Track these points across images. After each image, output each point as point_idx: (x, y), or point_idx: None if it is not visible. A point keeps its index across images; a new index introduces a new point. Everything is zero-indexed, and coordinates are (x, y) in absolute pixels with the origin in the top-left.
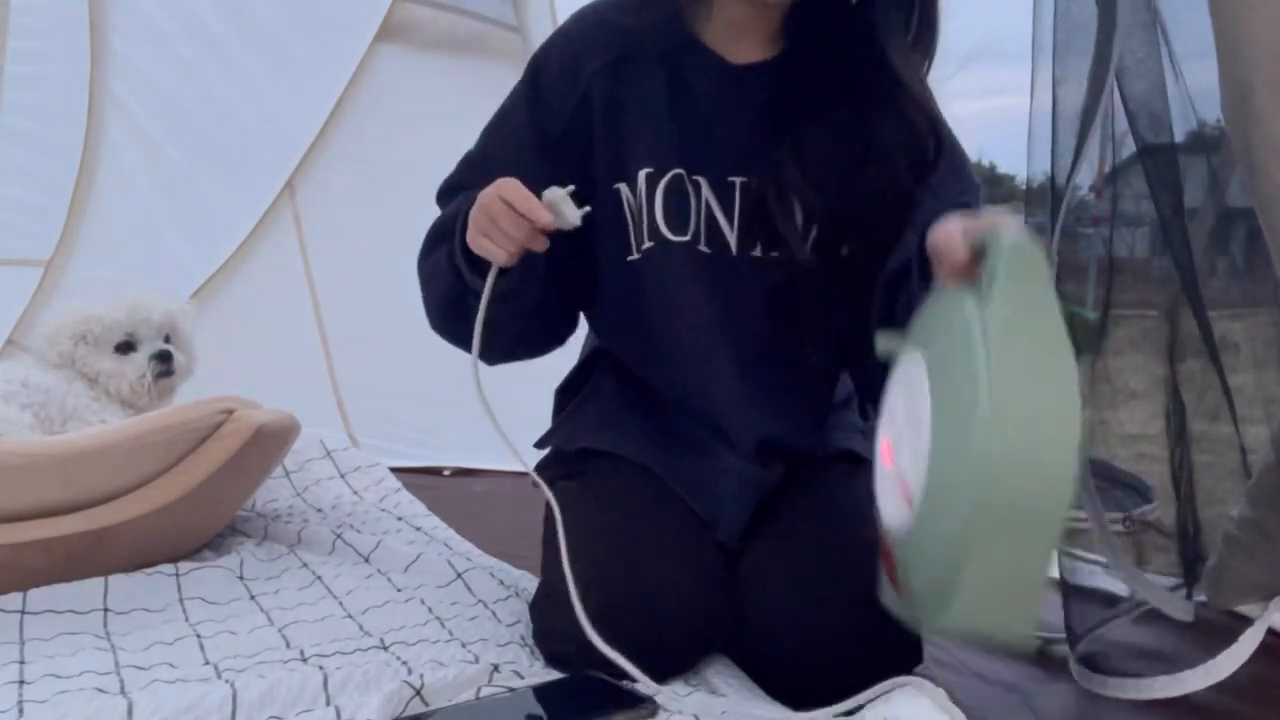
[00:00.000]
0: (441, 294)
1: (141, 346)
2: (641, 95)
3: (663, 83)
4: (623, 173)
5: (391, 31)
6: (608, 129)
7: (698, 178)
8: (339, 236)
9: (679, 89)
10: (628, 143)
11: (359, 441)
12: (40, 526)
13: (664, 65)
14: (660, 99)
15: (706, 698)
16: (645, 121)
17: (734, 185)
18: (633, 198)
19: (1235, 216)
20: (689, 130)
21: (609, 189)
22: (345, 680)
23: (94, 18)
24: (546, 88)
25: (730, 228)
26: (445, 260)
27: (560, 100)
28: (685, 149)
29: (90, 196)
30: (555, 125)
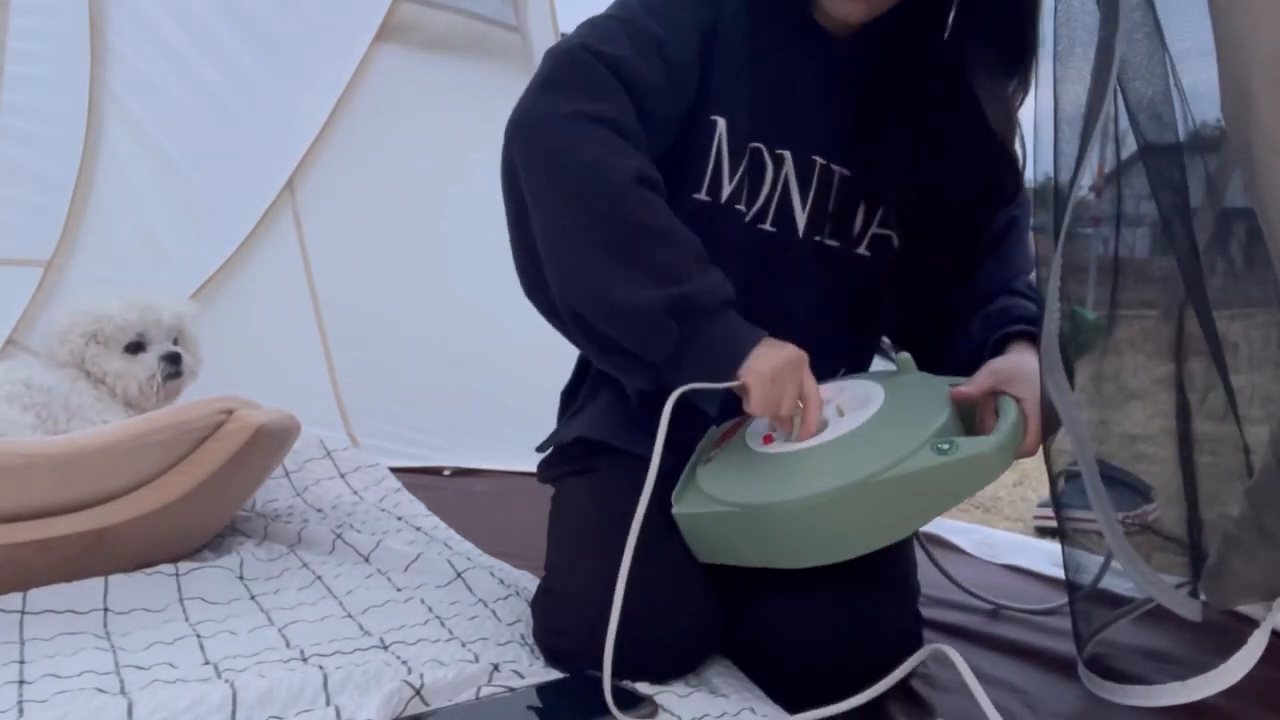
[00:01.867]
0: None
1: (151, 348)
2: (754, 47)
3: (773, 44)
4: (724, 109)
5: (391, 31)
6: (726, 58)
7: (782, 151)
8: (339, 236)
9: (786, 56)
10: (735, 87)
11: (359, 441)
12: (40, 526)
13: (779, 26)
14: (768, 60)
15: (706, 698)
16: (751, 76)
17: (815, 165)
18: (726, 141)
19: (1235, 216)
20: (785, 100)
21: (708, 117)
22: (345, 680)
23: (94, 18)
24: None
25: (803, 208)
26: (673, 339)
27: (705, 8)
28: (778, 118)
29: (90, 196)
30: (705, 27)
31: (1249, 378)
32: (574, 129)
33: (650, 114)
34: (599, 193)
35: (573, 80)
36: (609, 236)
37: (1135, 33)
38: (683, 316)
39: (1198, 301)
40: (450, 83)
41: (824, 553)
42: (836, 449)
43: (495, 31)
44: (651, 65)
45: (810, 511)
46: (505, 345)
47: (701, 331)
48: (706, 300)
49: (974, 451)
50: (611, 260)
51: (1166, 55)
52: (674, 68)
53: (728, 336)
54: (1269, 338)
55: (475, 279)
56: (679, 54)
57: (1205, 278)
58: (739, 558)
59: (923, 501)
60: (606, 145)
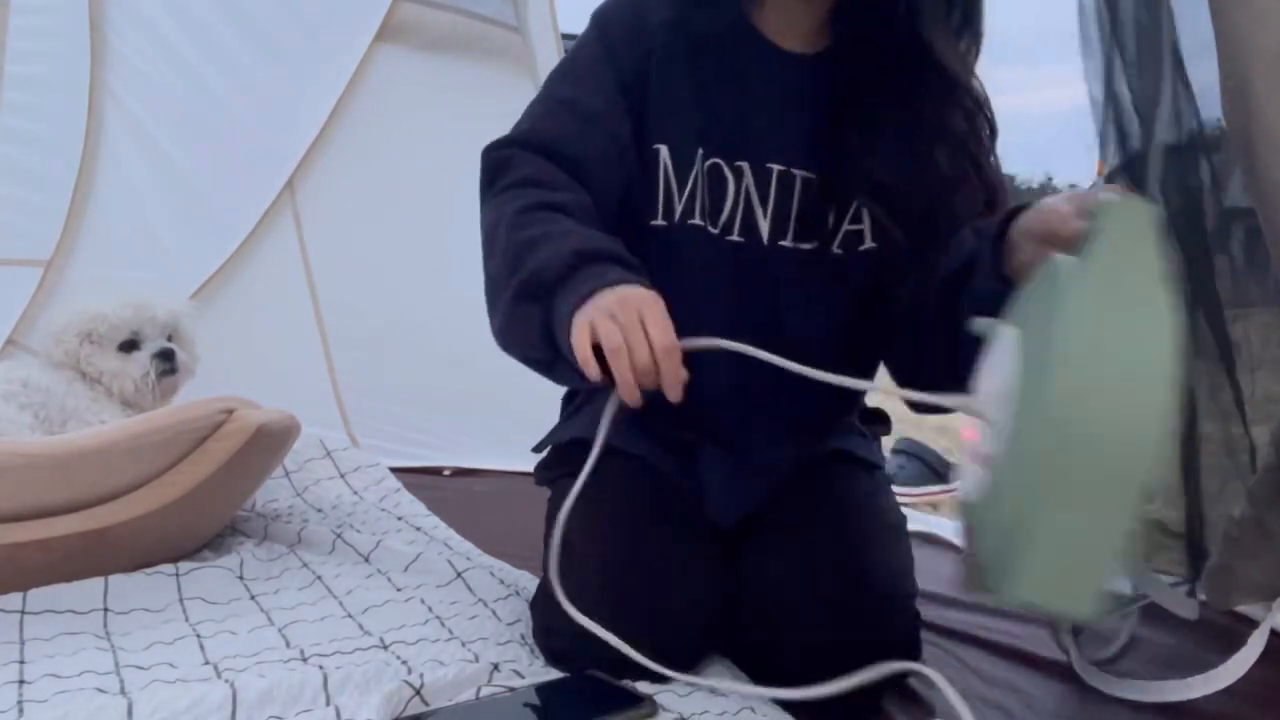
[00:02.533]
0: (525, 350)
1: (145, 345)
2: (694, 69)
3: (715, 61)
4: (665, 136)
5: (391, 31)
6: (661, 89)
7: (740, 163)
8: (339, 236)
9: (729, 71)
10: (676, 113)
11: (359, 441)
12: (40, 526)
13: (718, 43)
14: (710, 78)
15: (706, 697)
16: (695, 97)
17: (772, 172)
18: (671, 165)
19: (1235, 216)
20: (735, 114)
21: (650, 147)
22: (345, 680)
23: (94, 18)
24: (616, 38)
25: (764, 215)
26: (538, 324)
27: (628, 50)
28: (730, 133)
29: (90, 196)
30: (627, 73)
31: (1249, 377)
32: (492, 209)
33: (578, 157)
34: (488, 241)
35: (495, 174)
36: (490, 271)
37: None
38: (531, 297)
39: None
40: (450, 83)
41: None
42: None
43: (495, 31)
44: (562, 122)
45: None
46: None
47: (555, 304)
48: (546, 271)
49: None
50: (493, 291)
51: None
52: (590, 117)
53: (566, 296)
54: (1269, 337)
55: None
56: (593, 105)
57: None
58: None
59: None
60: (507, 200)
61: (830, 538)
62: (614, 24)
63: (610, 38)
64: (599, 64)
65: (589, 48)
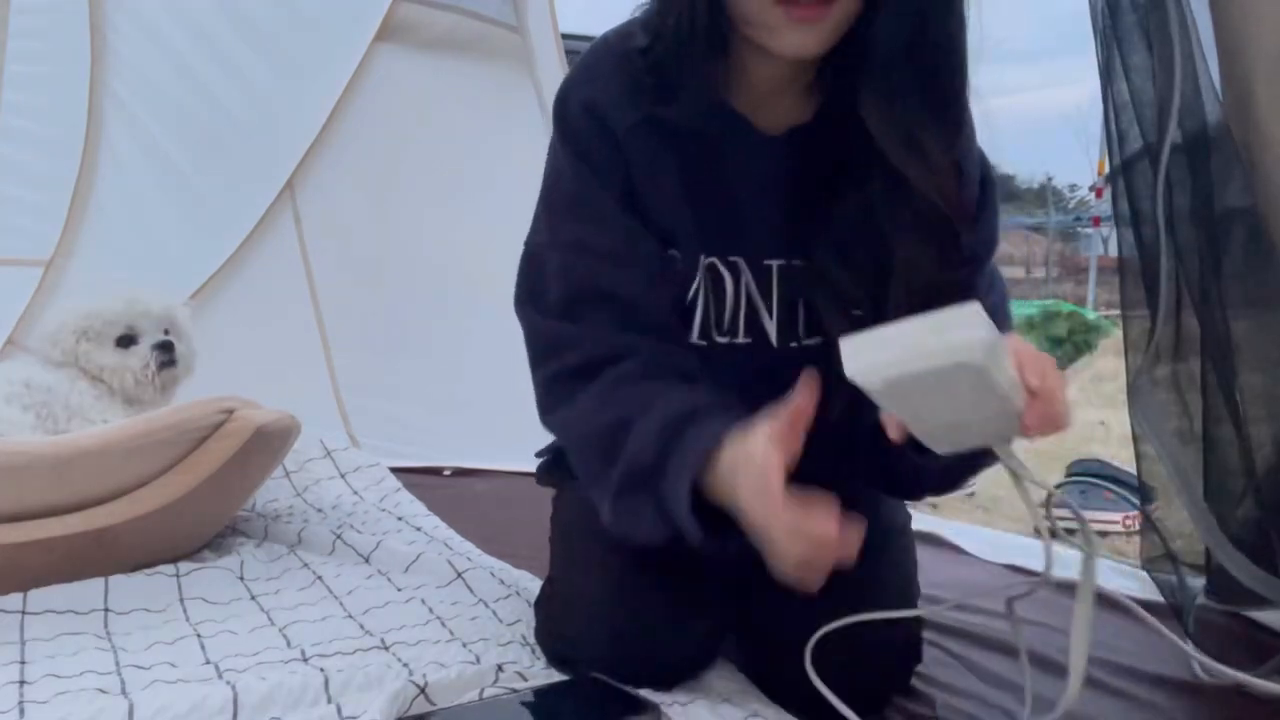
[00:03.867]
0: (646, 539)
1: (142, 339)
2: (675, 166)
3: (694, 152)
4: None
5: (391, 31)
6: (649, 196)
7: (735, 259)
8: (339, 236)
9: (710, 160)
10: (669, 215)
11: (359, 441)
12: (40, 526)
13: (692, 133)
14: (693, 172)
15: (711, 705)
16: (684, 195)
17: (770, 269)
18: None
19: (1235, 216)
20: (723, 210)
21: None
22: (346, 681)
23: (94, 18)
24: (591, 152)
25: (770, 317)
26: (652, 513)
27: (605, 163)
28: (720, 228)
29: (90, 196)
30: (618, 189)
31: (1248, 377)
32: (561, 420)
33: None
34: (574, 440)
35: (539, 351)
36: (584, 469)
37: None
38: (637, 487)
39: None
40: (450, 83)
41: None
42: None
43: (495, 31)
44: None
45: None
46: (506, 345)
47: (662, 487)
48: (642, 456)
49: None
50: (593, 485)
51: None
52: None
53: (672, 477)
54: (1271, 337)
55: (476, 278)
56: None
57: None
58: None
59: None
60: (576, 409)
61: None
62: (580, 138)
63: (584, 151)
64: (593, 185)
65: (574, 169)
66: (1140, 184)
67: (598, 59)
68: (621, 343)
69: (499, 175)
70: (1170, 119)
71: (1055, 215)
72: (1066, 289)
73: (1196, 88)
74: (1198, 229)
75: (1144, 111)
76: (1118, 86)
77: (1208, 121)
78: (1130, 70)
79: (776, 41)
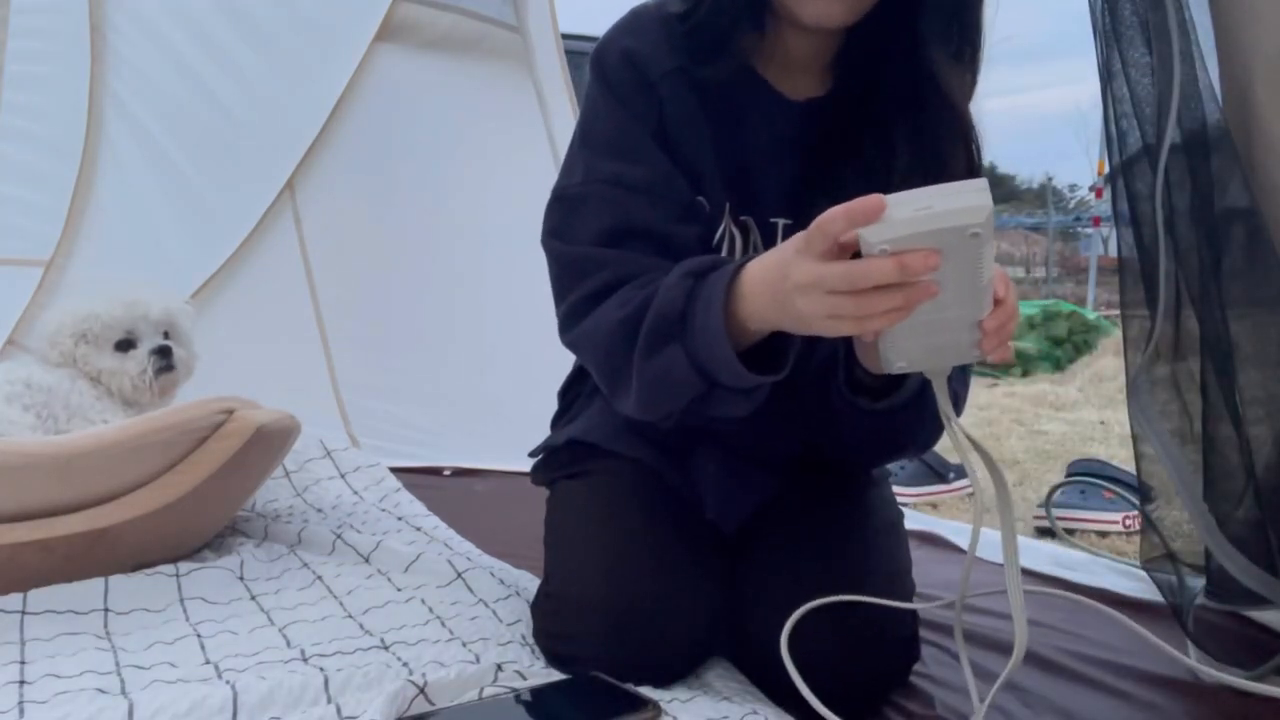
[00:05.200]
0: (676, 399)
1: (141, 343)
2: (704, 118)
3: (720, 109)
4: (695, 190)
5: (391, 31)
6: (679, 142)
7: (745, 218)
8: (339, 236)
9: (733, 119)
10: (697, 165)
11: (359, 441)
12: (40, 526)
13: (721, 91)
14: (717, 127)
15: (710, 702)
16: (711, 147)
17: (777, 227)
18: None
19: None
20: (739, 165)
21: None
22: (346, 681)
23: (94, 18)
24: (627, 95)
25: None
26: (684, 361)
27: (642, 106)
28: (736, 185)
29: (90, 196)
30: (652, 128)
31: (1248, 377)
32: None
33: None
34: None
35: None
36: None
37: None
38: (665, 340)
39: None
40: (450, 83)
41: None
42: None
43: (495, 31)
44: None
45: None
46: (506, 345)
47: (692, 328)
48: (668, 309)
49: None
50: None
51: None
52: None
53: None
54: (1270, 337)
55: (476, 278)
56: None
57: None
58: None
59: None
60: (597, 315)
61: (828, 538)
62: (619, 84)
63: (622, 95)
64: (631, 126)
65: (611, 112)
66: (1140, 184)
67: (637, 17)
68: (652, 265)
69: (499, 175)
70: (1169, 119)
71: (1055, 215)
72: (1066, 289)
73: (1196, 87)
74: (1197, 229)
75: (1143, 111)
76: (1117, 86)
77: (1207, 121)
78: (1129, 70)
79: (803, 10)
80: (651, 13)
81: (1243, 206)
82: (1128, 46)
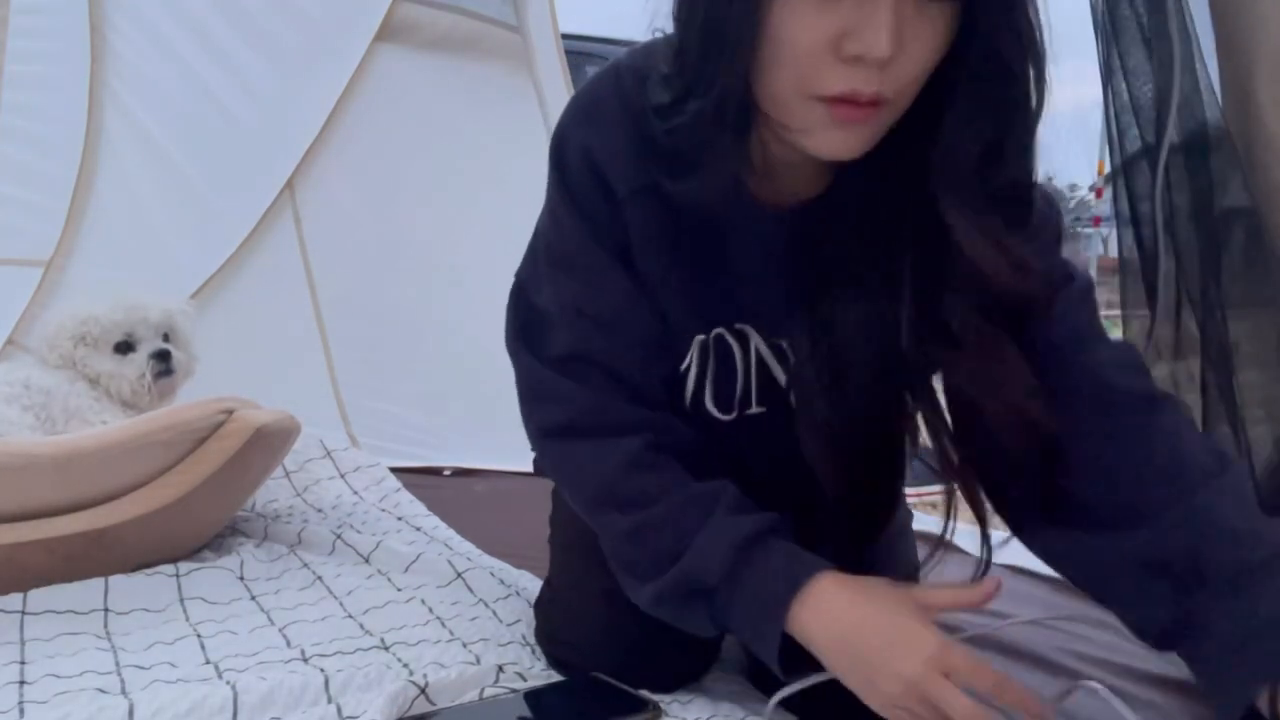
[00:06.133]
0: (681, 626)
1: (140, 346)
2: (671, 241)
3: (695, 228)
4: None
5: (391, 31)
6: (645, 264)
7: (742, 326)
8: (339, 236)
9: (712, 237)
10: (664, 287)
11: (359, 441)
12: (40, 526)
13: (697, 208)
14: (692, 248)
15: (711, 703)
16: (676, 274)
17: (782, 347)
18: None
19: (1235, 216)
20: (724, 287)
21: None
22: (347, 682)
23: (94, 18)
24: (588, 209)
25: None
26: (706, 618)
27: (605, 219)
28: (722, 307)
29: (90, 196)
30: (614, 244)
31: (1247, 377)
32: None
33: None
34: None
35: (534, 396)
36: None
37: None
38: (689, 598)
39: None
40: (450, 83)
41: None
42: None
43: (495, 31)
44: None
45: None
46: None
47: (728, 612)
48: (696, 576)
49: None
50: (627, 567)
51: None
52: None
53: (738, 615)
54: (1270, 337)
55: (476, 278)
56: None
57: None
58: None
59: None
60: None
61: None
62: (580, 193)
63: (584, 209)
64: (593, 247)
65: (574, 227)
66: (1139, 184)
67: (602, 100)
68: (616, 410)
69: (499, 175)
70: (1169, 119)
71: None
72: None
73: (1196, 87)
74: (1197, 229)
75: (1143, 111)
76: (1117, 86)
77: (1207, 121)
78: (1129, 70)
79: (813, 141)
80: (624, 93)
81: (1242, 207)
82: (1127, 46)
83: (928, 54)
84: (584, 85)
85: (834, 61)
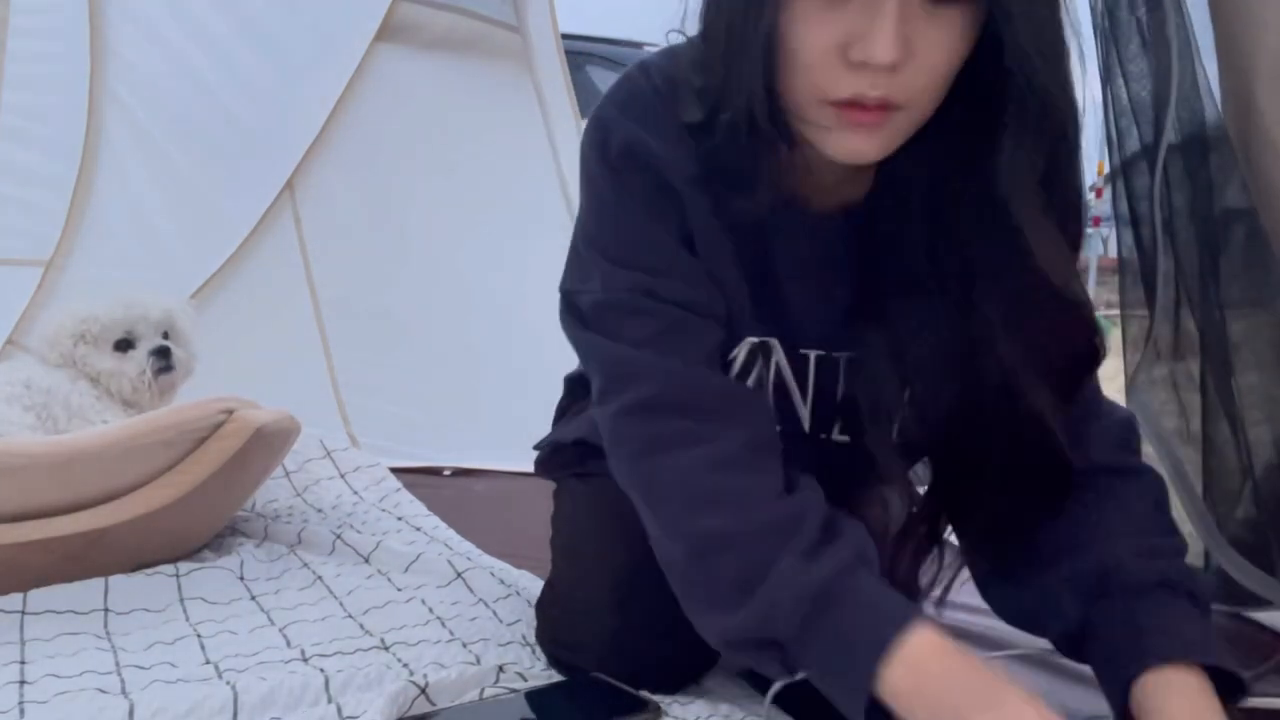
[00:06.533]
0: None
1: (140, 344)
2: (721, 238)
3: (740, 229)
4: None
5: (391, 31)
6: (704, 257)
7: (769, 340)
8: (339, 236)
9: (757, 237)
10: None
11: (359, 441)
12: (40, 526)
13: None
14: (738, 249)
15: (710, 703)
16: (725, 271)
17: (808, 358)
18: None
19: (1235, 216)
20: (764, 290)
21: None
22: (347, 682)
23: (94, 18)
24: (647, 196)
25: (804, 402)
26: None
27: (668, 207)
28: (759, 311)
29: (90, 196)
30: (679, 231)
31: (1247, 377)
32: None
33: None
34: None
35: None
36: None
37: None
38: (761, 645)
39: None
40: (450, 83)
41: None
42: None
43: (495, 31)
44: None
45: None
46: (506, 345)
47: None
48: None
49: None
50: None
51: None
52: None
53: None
54: (1269, 338)
55: (476, 278)
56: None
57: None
58: None
59: None
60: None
61: None
62: (633, 181)
63: (642, 196)
64: (660, 234)
65: (631, 215)
66: (1139, 184)
67: (640, 93)
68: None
69: (499, 175)
70: (1167, 119)
71: None
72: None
73: (1195, 88)
74: (1196, 229)
75: (1143, 112)
76: (1117, 86)
77: (1206, 122)
78: (1128, 70)
79: (828, 143)
80: (652, 95)
81: (1241, 207)
82: (1126, 47)
83: (941, 60)
84: (615, 83)
85: (841, 67)
